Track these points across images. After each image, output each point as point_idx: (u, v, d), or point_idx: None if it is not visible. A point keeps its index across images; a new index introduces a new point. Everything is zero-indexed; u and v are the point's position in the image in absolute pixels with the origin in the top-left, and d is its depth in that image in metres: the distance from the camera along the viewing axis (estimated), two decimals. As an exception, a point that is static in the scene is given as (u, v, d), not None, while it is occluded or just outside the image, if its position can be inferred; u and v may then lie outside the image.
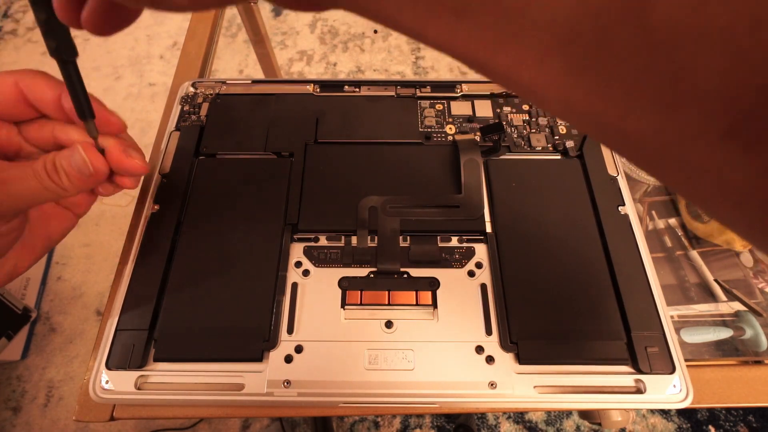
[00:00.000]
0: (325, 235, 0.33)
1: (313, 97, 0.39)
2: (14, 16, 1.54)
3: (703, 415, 0.89)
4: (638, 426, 0.90)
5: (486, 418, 0.93)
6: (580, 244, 0.32)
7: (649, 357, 0.28)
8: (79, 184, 0.27)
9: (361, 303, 0.30)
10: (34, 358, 0.98)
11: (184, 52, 0.48)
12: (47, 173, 0.25)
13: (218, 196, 0.34)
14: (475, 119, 0.38)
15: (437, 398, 0.27)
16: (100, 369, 0.28)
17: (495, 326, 0.29)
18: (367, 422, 0.92)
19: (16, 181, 0.25)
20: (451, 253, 0.32)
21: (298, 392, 0.27)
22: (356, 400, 0.27)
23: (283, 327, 0.29)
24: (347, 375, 0.27)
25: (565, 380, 0.27)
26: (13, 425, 0.92)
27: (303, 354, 0.28)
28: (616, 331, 0.29)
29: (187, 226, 0.32)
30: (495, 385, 0.27)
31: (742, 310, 0.35)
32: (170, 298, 0.30)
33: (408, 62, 1.39)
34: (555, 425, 0.91)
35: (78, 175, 0.26)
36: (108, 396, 0.27)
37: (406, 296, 0.30)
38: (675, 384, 0.27)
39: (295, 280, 0.31)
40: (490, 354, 0.28)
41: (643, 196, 0.41)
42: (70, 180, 0.26)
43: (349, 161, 0.35)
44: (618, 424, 0.57)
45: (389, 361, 0.28)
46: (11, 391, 0.95)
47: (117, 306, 0.30)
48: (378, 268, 0.31)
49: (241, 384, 0.27)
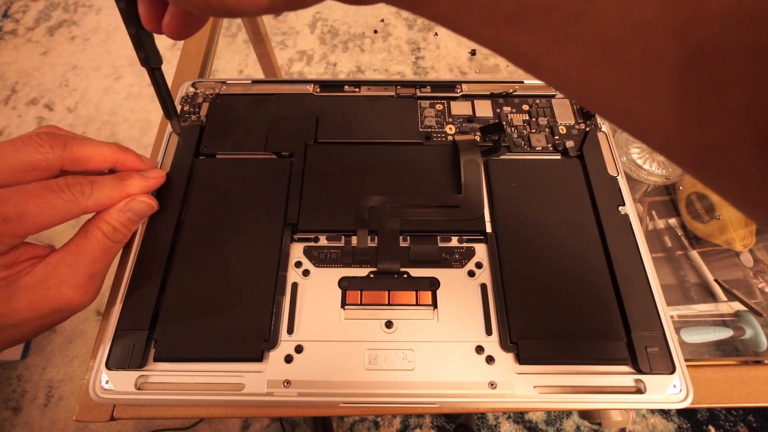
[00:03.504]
0: (325, 235, 0.33)
1: (313, 97, 0.39)
2: (14, 16, 1.54)
3: (703, 415, 0.89)
4: (638, 426, 0.90)
5: (486, 418, 0.93)
6: (580, 244, 0.32)
7: (649, 357, 0.28)
8: (132, 230, 0.30)
9: (361, 303, 0.30)
10: (34, 358, 0.98)
11: (184, 52, 0.48)
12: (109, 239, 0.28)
13: (218, 196, 0.34)
14: (475, 119, 0.38)
15: (437, 398, 0.27)
16: (100, 369, 0.28)
17: (495, 326, 0.29)
18: (367, 422, 0.92)
19: (96, 265, 0.27)
20: (451, 253, 0.32)
21: (298, 392, 0.27)
22: (356, 400, 0.27)
23: (283, 327, 0.29)
24: (347, 375, 0.27)
25: (565, 380, 0.27)
26: (13, 425, 0.92)
27: (303, 354, 0.28)
28: (616, 331, 0.29)
29: (187, 226, 0.32)
30: (495, 385, 0.27)
31: (742, 310, 0.35)
32: (170, 298, 0.30)
33: (408, 62, 1.39)
34: (555, 425, 0.91)
35: (137, 222, 0.30)
36: (108, 396, 0.27)
37: (406, 296, 0.30)
38: (675, 384, 0.27)
39: (295, 280, 0.31)
40: (490, 354, 0.28)
41: (643, 196, 0.41)
42: (130, 231, 0.30)
43: (349, 161, 0.35)
44: (618, 424, 0.57)
45: (389, 361, 0.28)
46: (11, 391, 0.95)
47: (117, 306, 0.30)
48: (378, 268, 0.31)
49: (241, 384, 0.27)
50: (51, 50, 1.45)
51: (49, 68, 1.41)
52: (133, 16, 0.24)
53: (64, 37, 1.48)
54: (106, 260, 0.28)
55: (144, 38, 0.27)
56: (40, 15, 1.54)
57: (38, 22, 1.52)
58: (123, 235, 0.29)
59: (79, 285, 0.26)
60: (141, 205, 0.30)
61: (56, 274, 0.26)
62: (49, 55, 1.44)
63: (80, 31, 1.50)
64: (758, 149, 0.11)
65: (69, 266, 0.26)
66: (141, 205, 0.30)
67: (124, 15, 0.24)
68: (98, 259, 0.27)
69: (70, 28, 1.50)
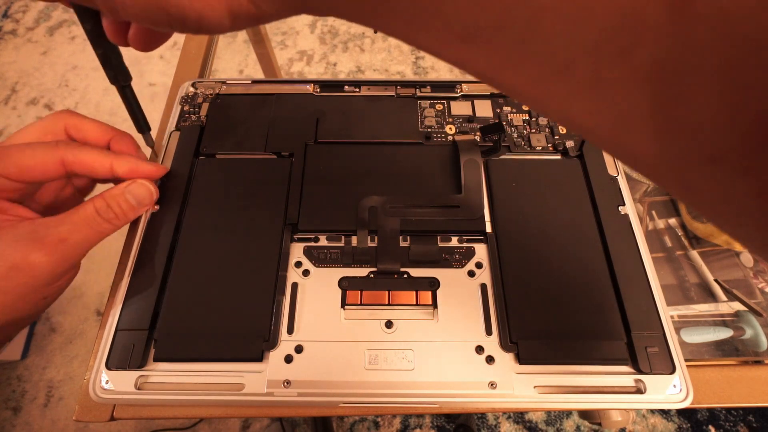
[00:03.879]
0: (325, 235, 0.33)
1: (313, 97, 0.39)
2: (14, 16, 1.54)
3: (703, 415, 0.89)
4: (638, 426, 0.90)
5: (486, 418, 0.93)
6: (580, 244, 0.32)
7: (649, 357, 0.28)
8: (130, 217, 0.30)
9: (361, 303, 0.30)
10: (34, 358, 0.98)
11: (184, 52, 0.48)
12: (101, 216, 0.28)
13: (218, 196, 0.34)
14: (475, 119, 0.38)
15: (437, 398, 0.27)
16: (100, 369, 0.28)
17: (495, 326, 0.29)
18: (367, 422, 0.92)
19: (73, 234, 0.26)
20: (451, 253, 0.32)
21: (298, 392, 0.27)
22: (356, 400, 0.27)
23: (283, 327, 0.29)
24: (347, 375, 0.27)
25: (565, 380, 0.27)
26: (13, 425, 0.92)
27: (303, 354, 0.28)
28: (616, 331, 0.29)
29: (187, 226, 0.32)
30: (495, 385, 0.27)
31: (742, 310, 0.35)
32: (170, 298, 0.30)
33: (408, 62, 1.39)
34: (555, 425, 0.91)
35: (136, 208, 0.30)
36: (108, 396, 0.27)
37: (406, 296, 0.30)
38: (675, 384, 0.27)
39: (295, 280, 0.31)
40: (490, 354, 0.28)
41: (643, 196, 0.41)
42: (125, 214, 0.29)
43: (349, 161, 0.35)
44: (618, 424, 0.57)
45: (389, 361, 0.28)
46: (11, 391, 0.95)
47: (117, 306, 0.29)
48: (378, 268, 0.31)
49: (241, 384, 0.27)
50: (51, 50, 1.45)
51: (49, 68, 1.41)
52: (99, 37, 0.25)
53: (64, 37, 1.48)
54: (87, 233, 0.27)
55: (112, 57, 0.27)
56: (40, 15, 1.54)
57: (38, 22, 1.52)
58: (115, 215, 0.28)
59: (44, 244, 0.25)
60: (141, 188, 0.30)
61: (29, 230, 0.25)
62: (49, 55, 1.44)
63: (80, 31, 1.49)
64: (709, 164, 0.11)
65: (45, 226, 0.26)
66: (141, 189, 0.30)
67: (90, 36, 0.25)
68: (78, 228, 0.27)
69: (70, 28, 1.50)
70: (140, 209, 0.30)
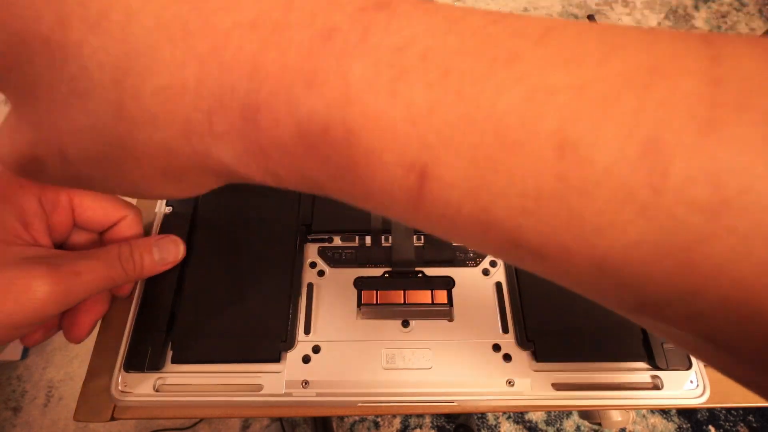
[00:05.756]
0: (339, 236, 0.33)
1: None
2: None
3: (703, 415, 0.90)
4: (638, 426, 0.90)
5: (486, 418, 0.93)
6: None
7: (666, 353, 0.28)
8: (146, 274, 0.28)
9: (376, 303, 0.30)
10: (34, 358, 0.97)
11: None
12: (121, 263, 0.26)
13: (231, 197, 0.34)
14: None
15: (456, 396, 0.27)
16: (119, 372, 0.27)
17: (511, 324, 0.29)
18: (367, 422, 0.92)
19: (87, 272, 0.25)
20: (465, 251, 0.32)
21: (317, 392, 0.27)
22: (375, 399, 0.27)
23: (299, 327, 0.29)
24: (365, 374, 0.28)
25: (582, 377, 0.28)
26: (13, 425, 0.91)
27: (320, 354, 0.28)
28: (632, 327, 0.29)
29: (201, 228, 0.32)
30: (513, 382, 0.27)
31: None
32: (187, 300, 0.30)
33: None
34: (555, 425, 0.91)
35: (156, 265, 0.28)
36: (127, 399, 0.27)
37: (422, 295, 0.30)
38: (692, 380, 0.27)
39: (311, 281, 0.31)
40: (507, 352, 0.28)
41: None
42: (143, 268, 0.27)
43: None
44: (618, 424, 0.58)
45: (407, 360, 0.28)
46: (11, 391, 0.94)
47: (132, 309, 0.29)
48: (393, 268, 0.31)
49: (259, 385, 0.27)
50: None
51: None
52: None
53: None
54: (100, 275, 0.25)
55: None
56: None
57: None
58: (133, 266, 0.27)
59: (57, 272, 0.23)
60: (171, 245, 0.29)
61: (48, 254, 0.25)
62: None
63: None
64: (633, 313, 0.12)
65: (65, 258, 0.24)
66: (170, 245, 0.29)
67: None
68: (94, 267, 0.25)
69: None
70: (159, 268, 0.29)
